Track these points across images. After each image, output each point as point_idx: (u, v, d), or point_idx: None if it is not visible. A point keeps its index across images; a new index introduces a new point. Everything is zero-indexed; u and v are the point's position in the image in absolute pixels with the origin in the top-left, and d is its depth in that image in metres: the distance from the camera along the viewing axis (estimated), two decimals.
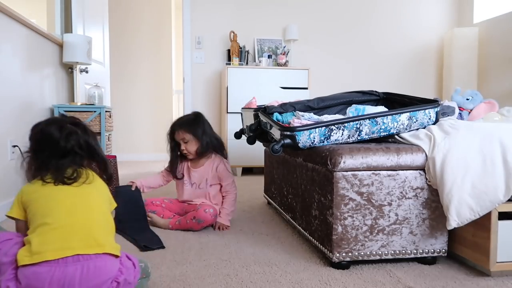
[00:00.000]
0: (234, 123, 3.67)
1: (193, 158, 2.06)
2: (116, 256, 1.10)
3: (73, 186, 1.11)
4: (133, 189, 2.00)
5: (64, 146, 1.12)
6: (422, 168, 1.48)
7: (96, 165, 1.19)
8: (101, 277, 1.05)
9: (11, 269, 1.03)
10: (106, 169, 1.23)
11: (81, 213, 1.09)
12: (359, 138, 1.57)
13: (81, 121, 1.21)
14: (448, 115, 1.78)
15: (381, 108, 1.72)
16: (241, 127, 2.45)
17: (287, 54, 4.06)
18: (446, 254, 1.52)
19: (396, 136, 1.64)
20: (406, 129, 1.62)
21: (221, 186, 2.09)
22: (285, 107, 1.86)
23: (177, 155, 2.09)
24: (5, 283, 1.02)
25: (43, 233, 1.04)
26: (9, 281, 1.01)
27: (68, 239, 1.04)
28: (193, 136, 2.00)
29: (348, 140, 1.56)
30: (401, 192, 1.47)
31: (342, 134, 1.54)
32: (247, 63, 4.10)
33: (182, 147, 2.02)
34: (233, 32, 4.04)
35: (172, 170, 2.10)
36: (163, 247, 1.69)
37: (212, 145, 2.05)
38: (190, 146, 2.01)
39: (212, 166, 2.06)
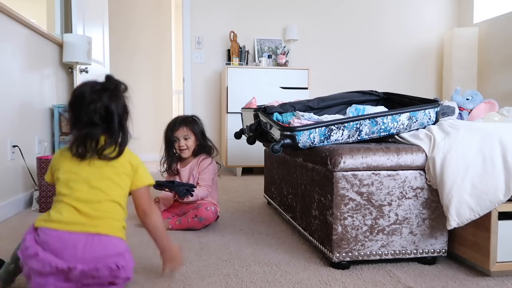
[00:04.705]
0: (234, 123, 3.67)
1: (187, 157, 2.11)
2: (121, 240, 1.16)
3: (95, 165, 1.15)
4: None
5: (84, 116, 1.13)
6: (422, 168, 1.48)
7: (107, 137, 1.16)
8: (107, 250, 1.10)
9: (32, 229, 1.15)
10: (121, 145, 1.17)
11: (97, 191, 1.15)
12: (359, 138, 1.57)
13: (114, 83, 1.17)
14: (448, 115, 1.78)
15: (381, 108, 1.71)
16: (241, 127, 2.45)
17: (287, 54, 4.06)
18: (446, 254, 1.52)
19: (396, 136, 1.64)
20: (406, 129, 1.62)
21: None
22: (285, 107, 1.86)
23: (174, 152, 2.14)
24: (25, 235, 1.14)
25: (61, 204, 1.14)
26: (28, 234, 1.13)
27: (79, 214, 1.12)
28: (195, 136, 2.09)
29: (348, 140, 1.56)
30: (401, 192, 1.47)
31: (342, 134, 1.54)
32: (247, 63, 4.10)
33: (182, 143, 2.07)
34: (233, 32, 4.04)
35: (168, 164, 2.13)
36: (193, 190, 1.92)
37: (207, 150, 2.12)
38: (190, 143, 2.09)
39: (197, 160, 2.10)
